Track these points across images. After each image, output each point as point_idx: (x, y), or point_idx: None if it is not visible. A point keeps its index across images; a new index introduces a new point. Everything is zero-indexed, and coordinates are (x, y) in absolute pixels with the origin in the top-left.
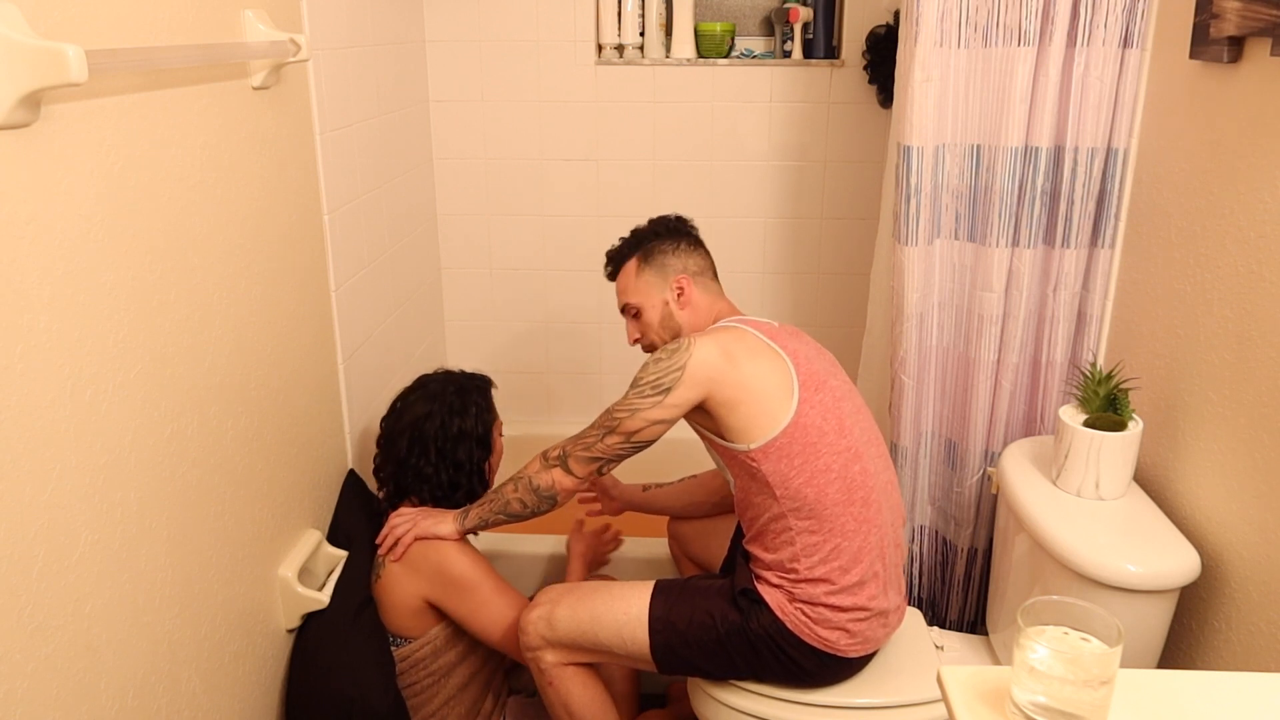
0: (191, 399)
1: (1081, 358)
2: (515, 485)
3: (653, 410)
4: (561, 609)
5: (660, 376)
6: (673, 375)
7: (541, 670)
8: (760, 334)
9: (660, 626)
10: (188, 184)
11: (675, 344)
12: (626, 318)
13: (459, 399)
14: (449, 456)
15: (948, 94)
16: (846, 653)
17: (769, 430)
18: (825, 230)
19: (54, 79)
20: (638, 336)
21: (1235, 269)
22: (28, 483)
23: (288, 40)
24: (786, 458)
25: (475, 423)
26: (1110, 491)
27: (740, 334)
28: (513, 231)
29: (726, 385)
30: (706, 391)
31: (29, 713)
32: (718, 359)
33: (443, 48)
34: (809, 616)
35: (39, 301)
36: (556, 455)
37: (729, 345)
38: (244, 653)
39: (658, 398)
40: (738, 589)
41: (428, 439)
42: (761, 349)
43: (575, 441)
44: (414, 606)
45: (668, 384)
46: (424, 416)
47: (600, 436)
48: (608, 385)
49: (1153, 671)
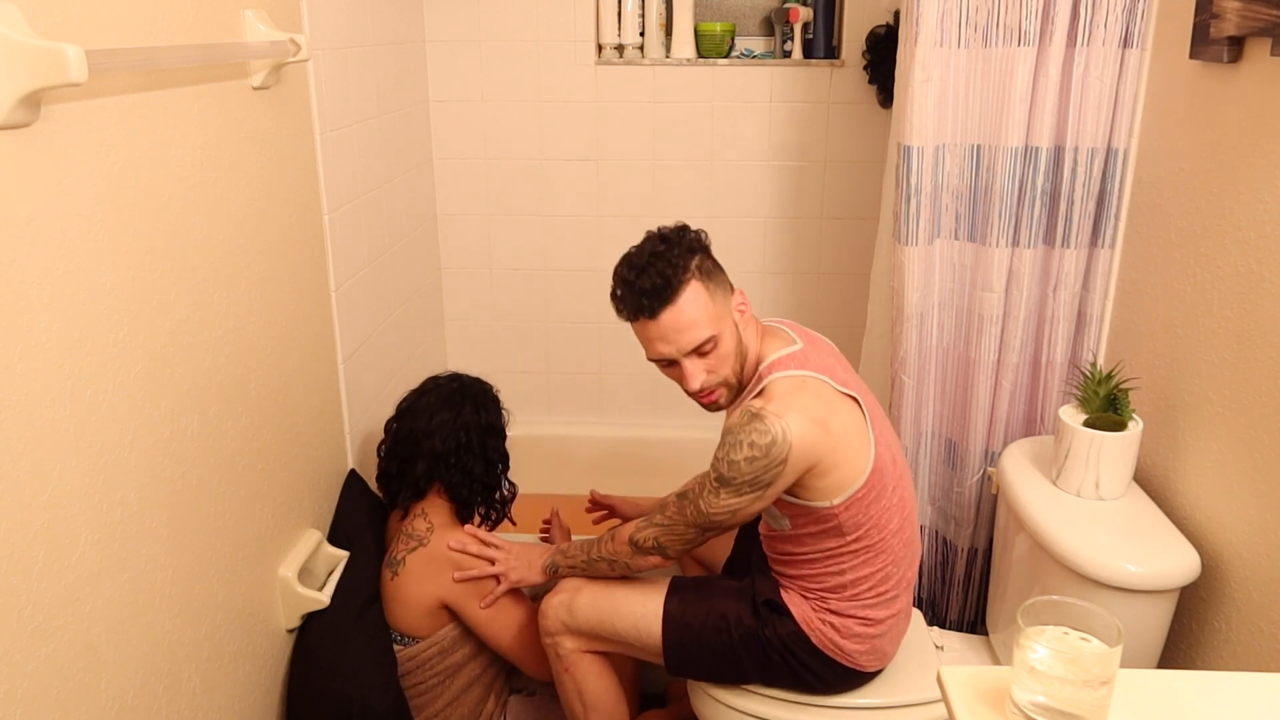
0: (191, 399)
1: (1081, 358)
2: (611, 566)
3: (753, 506)
4: (583, 596)
5: (759, 475)
6: (774, 471)
7: (559, 656)
8: (825, 378)
9: (674, 625)
10: (188, 184)
11: (764, 430)
12: (690, 359)
13: (483, 397)
14: (487, 452)
15: (948, 94)
16: (865, 667)
17: (854, 483)
18: (825, 230)
19: (54, 79)
20: (708, 378)
21: (1235, 269)
22: (28, 483)
23: (288, 40)
24: (863, 506)
25: (498, 419)
26: (1110, 491)
27: (819, 390)
28: (513, 231)
29: (824, 458)
30: (806, 470)
31: (29, 713)
32: (816, 437)
33: (443, 48)
34: (835, 629)
35: (39, 301)
36: (651, 547)
37: (818, 413)
38: (244, 653)
39: (757, 494)
40: (760, 599)
41: (468, 434)
42: (837, 400)
43: (666, 532)
44: (428, 607)
45: (768, 480)
46: (456, 416)
47: (699, 533)
48: (608, 385)
49: (1153, 671)
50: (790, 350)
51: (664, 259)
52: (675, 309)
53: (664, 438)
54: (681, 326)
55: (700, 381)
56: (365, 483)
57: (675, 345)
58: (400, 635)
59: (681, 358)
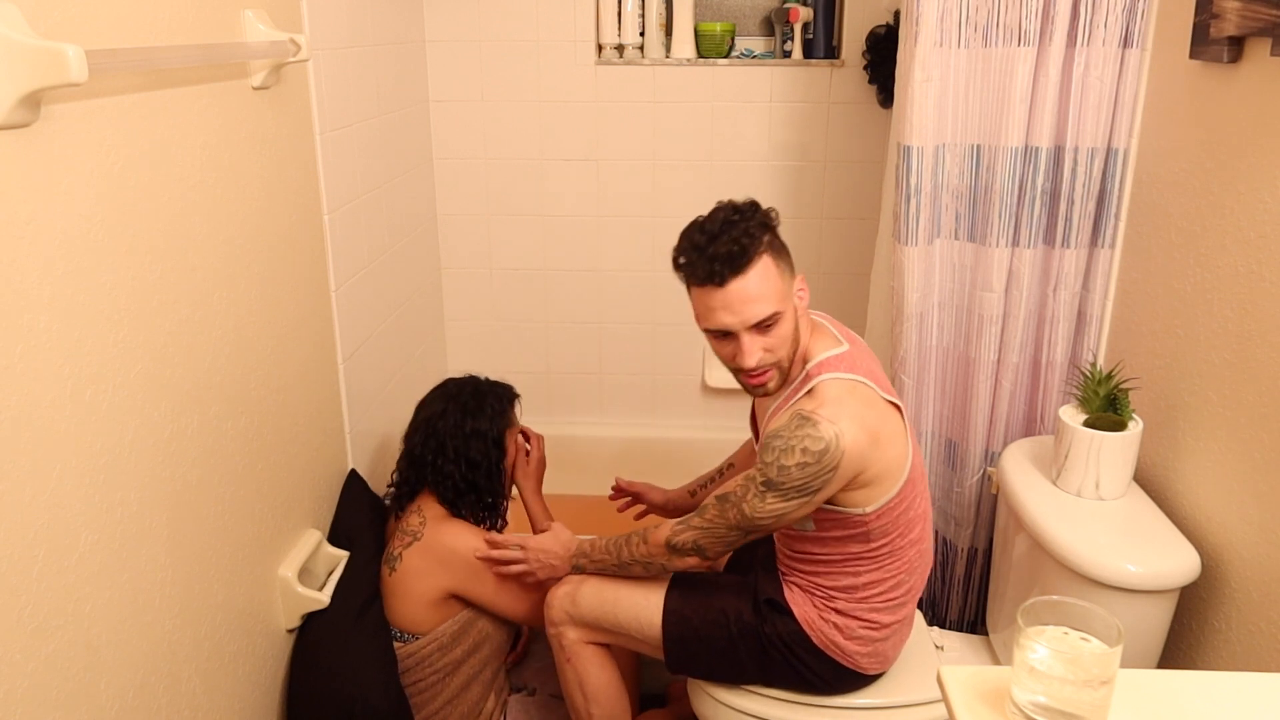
0: (191, 399)
1: (1081, 358)
2: (646, 568)
3: (799, 511)
4: (587, 586)
5: (808, 481)
6: (824, 478)
7: (562, 647)
8: (872, 384)
9: (674, 619)
10: (188, 184)
11: (818, 437)
12: (749, 334)
13: (475, 400)
14: (463, 454)
15: (948, 94)
16: (866, 669)
17: (890, 490)
18: (825, 230)
19: (54, 79)
20: (765, 356)
21: (1235, 269)
22: (28, 483)
23: (288, 40)
24: (894, 515)
25: (490, 424)
26: (1110, 491)
27: (868, 398)
28: (513, 231)
29: (870, 467)
30: (852, 478)
31: (29, 713)
32: (866, 446)
33: (443, 48)
34: (839, 629)
35: (39, 301)
36: (691, 548)
37: (870, 422)
38: (244, 653)
39: (805, 499)
40: (761, 598)
41: (443, 436)
42: (883, 408)
43: (706, 534)
44: (432, 599)
45: (817, 487)
46: (439, 414)
47: (742, 535)
48: (608, 385)
49: (1153, 671)
50: (838, 351)
51: (739, 228)
52: (745, 279)
53: (664, 438)
54: (749, 298)
55: (757, 359)
56: (365, 483)
57: (740, 317)
58: (400, 633)
59: (742, 331)
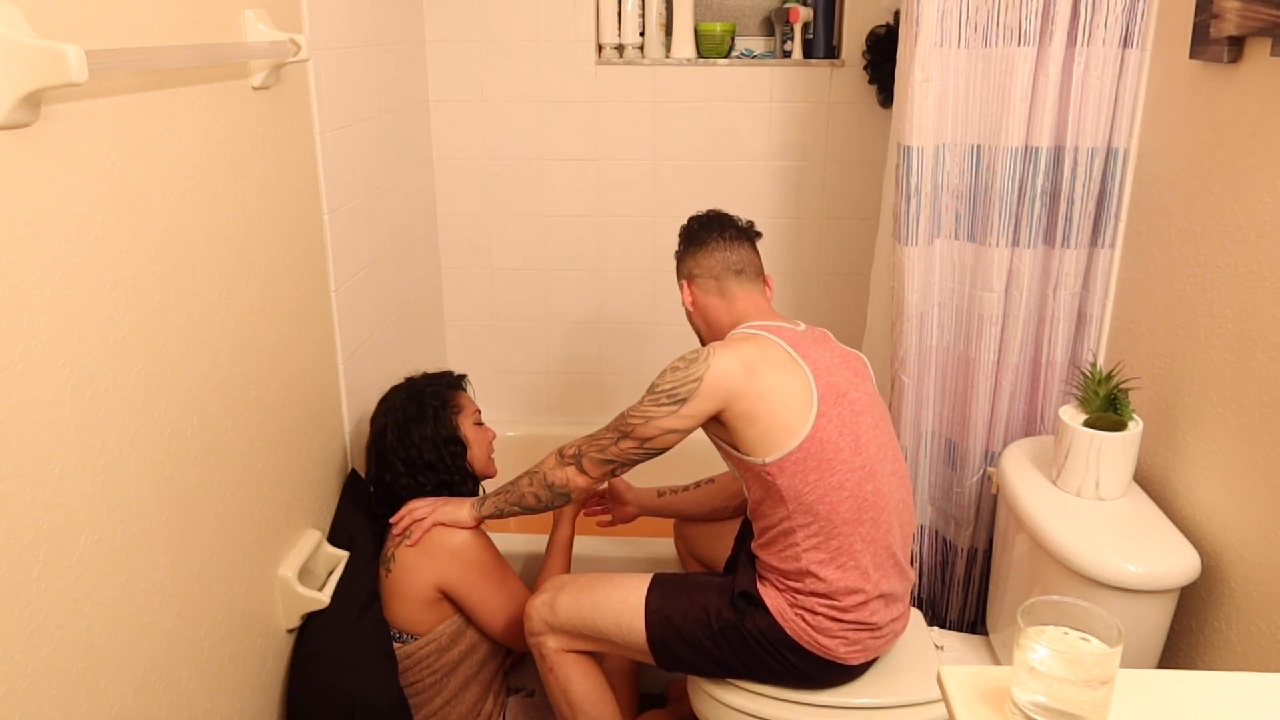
0: (191, 399)
1: (1081, 358)
2: (531, 480)
3: (667, 419)
4: (564, 595)
5: (676, 386)
6: (689, 386)
7: (543, 656)
8: (783, 342)
9: (656, 619)
10: (188, 184)
11: (695, 353)
12: None
13: (413, 406)
14: (418, 463)
15: (948, 94)
16: (846, 660)
17: (785, 444)
18: (825, 230)
19: (54, 79)
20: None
21: (1235, 269)
22: (28, 483)
23: (288, 40)
24: (801, 473)
25: (435, 426)
26: (1110, 491)
27: (762, 343)
28: (513, 231)
29: (744, 398)
30: (723, 404)
31: (29, 713)
32: (737, 371)
33: (443, 48)
34: (809, 624)
35: (39, 301)
36: (572, 454)
37: (749, 356)
38: (244, 653)
39: (673, 407)
40: (737, 590)
41: (388, 453)
42: (782, 359)
43: (590, 442)
44: (426, 597)
45: (683, 395)
46: (380, 432)
47: (614, 440)
48: (608, 385)
49: (1153, 671)
50: (777, 323)
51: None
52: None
53: None
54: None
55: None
56: (365, 482)
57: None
58: (399, 633)
59: None
